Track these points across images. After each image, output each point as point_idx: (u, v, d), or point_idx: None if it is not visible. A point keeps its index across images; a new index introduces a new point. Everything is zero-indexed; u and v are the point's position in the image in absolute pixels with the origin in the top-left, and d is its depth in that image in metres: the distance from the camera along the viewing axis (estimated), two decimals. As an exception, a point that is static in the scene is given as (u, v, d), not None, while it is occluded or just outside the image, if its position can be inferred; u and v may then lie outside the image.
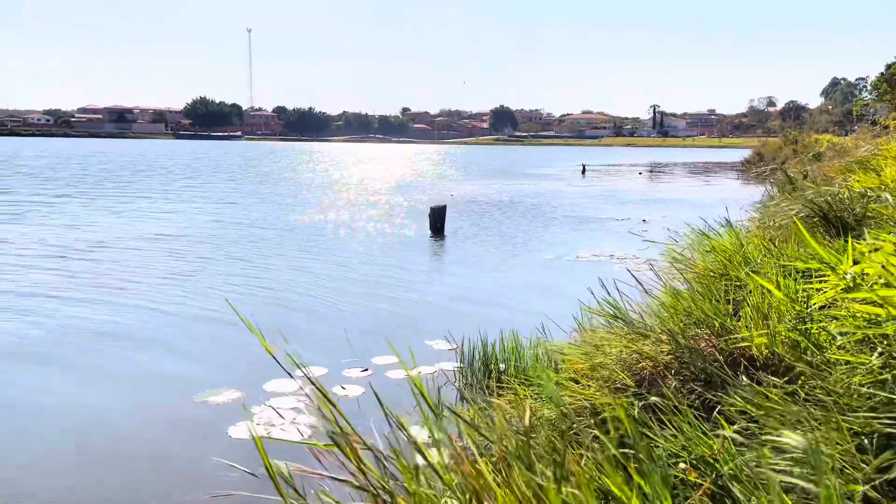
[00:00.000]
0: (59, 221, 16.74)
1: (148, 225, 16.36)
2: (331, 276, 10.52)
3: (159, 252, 12.54)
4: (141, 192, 25.98)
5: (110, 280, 9.99)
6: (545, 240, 14.91)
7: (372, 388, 2.70)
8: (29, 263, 11.18)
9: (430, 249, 13.77)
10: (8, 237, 13.96)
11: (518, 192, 29.19)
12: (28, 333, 7.32)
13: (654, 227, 16.46)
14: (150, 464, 4.54)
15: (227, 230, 15.66)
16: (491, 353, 5.51)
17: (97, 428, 5.10)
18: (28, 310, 8.23)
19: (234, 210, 20.20)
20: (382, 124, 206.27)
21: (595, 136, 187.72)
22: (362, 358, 6.55)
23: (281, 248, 13.30)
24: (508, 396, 4.03)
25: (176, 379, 6.10)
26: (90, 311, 8.25)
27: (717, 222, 5.63)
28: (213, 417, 5.21)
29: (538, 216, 19.60)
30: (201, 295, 9.12)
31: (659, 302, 4.30)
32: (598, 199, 26.00)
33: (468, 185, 33.33)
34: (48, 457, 4.65)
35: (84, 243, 13.33)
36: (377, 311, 8.52)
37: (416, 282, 10.37)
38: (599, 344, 4.00)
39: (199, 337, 7.33)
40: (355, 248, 13.45)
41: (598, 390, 3.52)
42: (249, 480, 4.19)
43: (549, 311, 8.05)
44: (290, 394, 5.63)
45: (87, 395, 5.74)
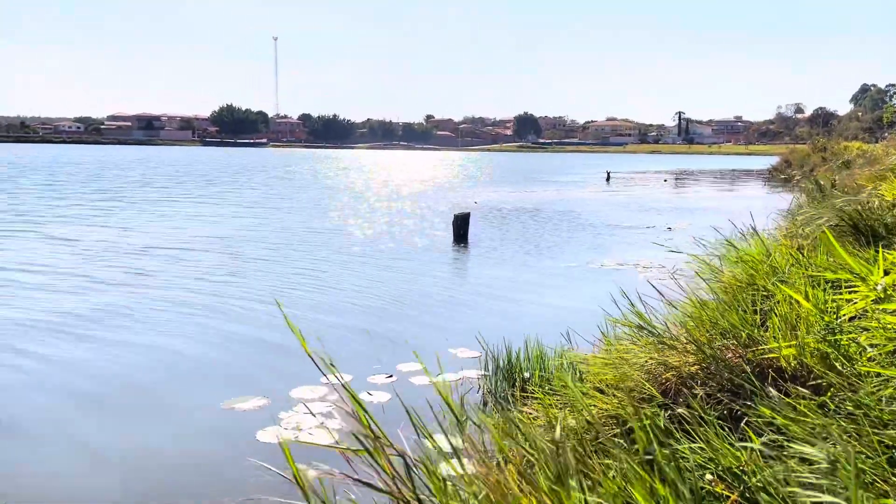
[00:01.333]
0: (102, 225, 17.04)
1: (178, 232, 16.59)
2: (354, 283, 10.58)
3: (188, 259, 12.70)
4: (186, 197, 26.34)
5: (141, 284, 10.14)
6: (569, 248, 14.87)
7: (399, 398, 2.73)
8: (69, 269, 11.39)
9: (454, 257, 13.80)
10: (53, 241, 14.24)
11: (542, 199, 29.13)
12: (58, 338, 7.45)
13: (680, 235, 16.33)
14: (180, 467, 4.61)
15: (256, 236, 15.81)
16: (515, 362, 5.52)
17: (126, 432, 5.18)
18: (61, 313, 8.39)
19: (265, 216, 20.40)
20: (406, 131, 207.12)
21: (619, 144, 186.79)
22: (387, 364, 6.59)
23: (305, 254, 13.41)
24: (533, 405, 4.03)
25: (203, 384, 6.18)
26: (120, 314, 8.37)
27: (743, 231, 5.59)
28: (241, 423, 5.27)
29: (562, 224, 19.54)
30: (227, 301, 9.22)
31: (684, 312, 4.28)
32: (622, 206, 25.86)
33: (492, 192, 33.33)
34: (78, 457, 4.73)
35: (122, 248, 13.54)
36: (401, 317, 8.56)
37: (440, 289, 10.39)
38: (624, 354, 3.99)
39: (226, 343, 7.41)
40: (379, 255, 13.51)
41: (623, 400, 3.51)
42: (280, 484, 4.24)
43: (573, 319, 8.04)
44: (315, 400, 5.68)
45: (115, 399, 5.83)
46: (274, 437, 4.96)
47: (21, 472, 4.53)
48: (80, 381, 6.23)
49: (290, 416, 5.35)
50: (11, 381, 6.17)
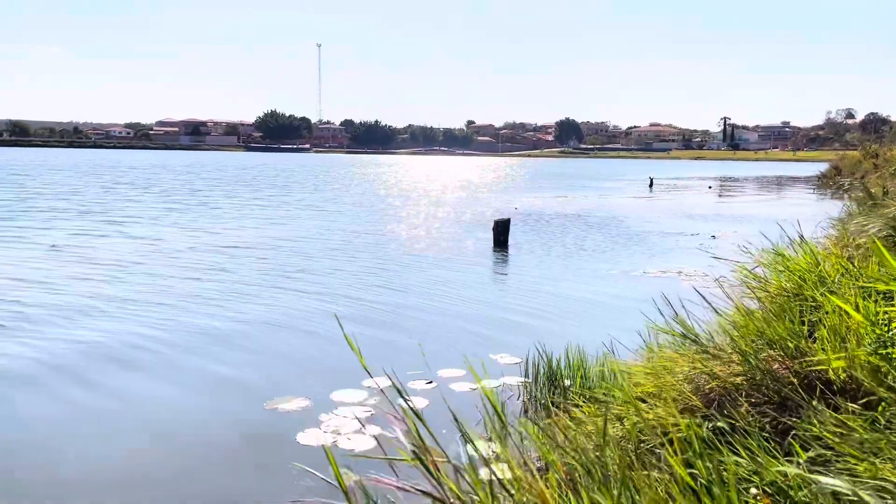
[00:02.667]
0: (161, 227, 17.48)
1: (220, 236, 16.90)
2: (394, 287, 10.66)
3: (240, 259, 12.93)
4: (237, 200, 26.87)
5: (189, 285, 10.36)
6: (610, 254, 14.74)
7: (447, 404, 2.74)
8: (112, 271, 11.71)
9: (494, 262, 13.79)
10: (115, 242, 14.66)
11: (583, 205, 28.92)
12: (104, 338, 7.66)
13: (724, 243, 16.05)
14: (222, 467, 4.69)
15: (302, 240, 16.03)
16: (556, 369, 5.50)
17: (171, 430, 5.30)
18: (109, 315, 8.63)
19: (310, 220, 20.66)
20: (447, 137, 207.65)
21: (663, 149, 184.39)
22: (427, 370, 6.61)
23: (348, 257, 13.55)
24: (574, 413, 4.01)
25: (248, 385, 6.29)
26: (171, 315, 8.57)
27: (790, 239, 5.48)
28: (283, 423, 5.35)
29: (603, 230, 19.37)
30: (273, 301, 9.37)
31: (729, 321, 4.21)
32: (665, 213, 25.53)
33: (532, 197, 33.21)
34: (118, 456, 4.85)
35: (167, 250, 13.87)
36: (441, 322, 8.59)
37: (479, 295, 10.40)
38: (667, 363, 3.95)
39: (270, 344, 7.53)
40: (420, 259, 13.58)
41: (665, 410, 3.47)
42: (321, 487, 4.29)
43: (615, 327, 7.97)
44: (356, 403, 5.74)
45: (163, 396, 5.97)
46: (314, 440, 5.02)
47: (63, 471, 4.66)
48: (133, 374, 6.39)
49: (331, 418, 5.41)
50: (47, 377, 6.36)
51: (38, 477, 4.51)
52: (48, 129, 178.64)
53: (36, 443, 5.04)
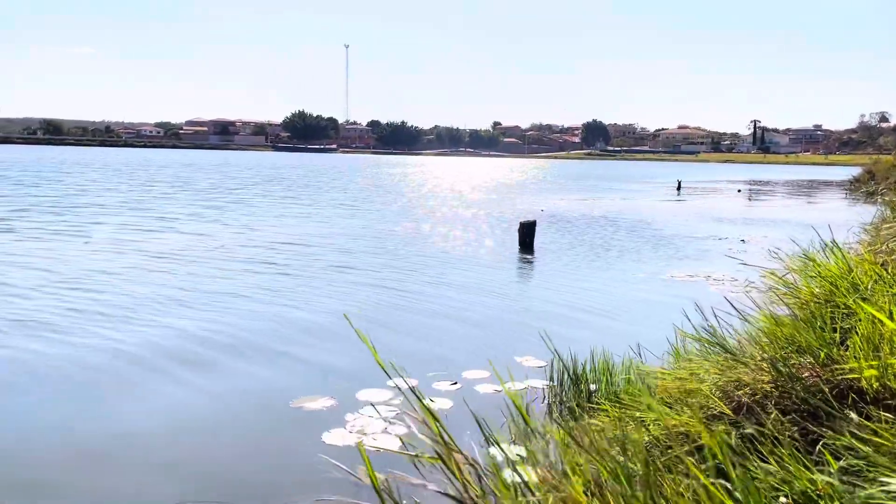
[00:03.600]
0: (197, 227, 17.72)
1: (254, 234, 17.08)
2: (419, 288, 10.68)
3: (262, 259, 13.06)
4: (264, 200, 27.15)
5: (218, 284, 10.49)
6: (637, 258, 14.63)
7: (467, 406, 2.75)
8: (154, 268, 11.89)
9: (519, 264, 13.76)
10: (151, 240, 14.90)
11: (609, 207, 28.74)
12: (137, 338, 7.78)
13: (754, 247, 15.86)
14: (248, 464, 4.75)
15: (329, 240, 16.13)
16: (582, 373, 5.47)
17: (197, 427, 5.37)
18: (139, 316, 8.76)
19: (337, 220, 20.79)
20: (473, 138, 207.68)
21: (691, 152, 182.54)
22: (451, 371, 6.62)
23: (373, 257, 13.61)
24: (600, 418, 4.00)
25: (274, 383, 6.35)
26: (201, 313, 8.68)
27: (822, 244, 5.40)
28: (309, 422, 5.40)
29: (630, 233, 19.24)
30: (299, 299, 9.45)
31: (758, 327, 4.17)
32: (693, 216, 25.27)
33: (558, 199, 33.08)
34: (146, 454, 4.92)
35: (203, 248, 14.05)
36: (466, 324, 8.59)
37: (505, 296, 10.38)
38: (694, 369, 3.92)
39: (295, 343, 7.59)
40: (444, 261, 13.60)
41: (692, 417, 3.45)
42: (346, 485, 4.33)
43: (641, 332, 7.91)
44: (381, 403, 5.76)
45: (189, 391, 6.05)
46: (340, 439, 5.05)
47: (89, 469, 4.74)
48: (160, 372, 6.49)
49: (356, 418, 5.45)
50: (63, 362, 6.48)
51: (69, 455, 4.60)
52: (81, 128, 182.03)
53: (56, 429, 5.14)
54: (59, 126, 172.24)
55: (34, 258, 12.58)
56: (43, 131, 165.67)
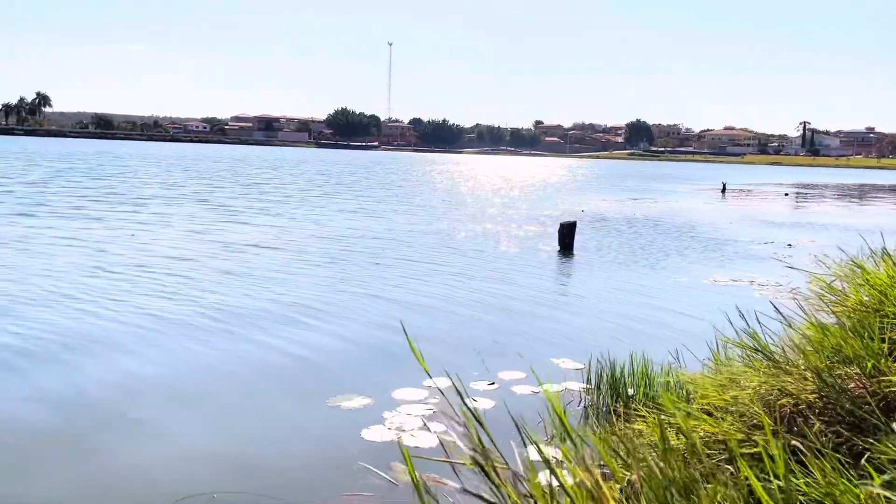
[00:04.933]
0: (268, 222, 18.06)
1: (302, 230, 17.31)
2: (457, 286, 10.70)
3: (307, 256, 13.23)
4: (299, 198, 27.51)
5: (258, 279, 10.67)
6: (679, 261, 14.43)
7: (507, 409, 2.76)
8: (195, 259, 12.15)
9: (558, 266, 13.68)
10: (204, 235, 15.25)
11: (652, 209, 28.38)
12: (185, 324, 7.95)
13: (800, 253, 15.52)
14: (288, 462, 4.82)
15: (369, 237, 16.26)
16: (619, 377, 5.43)
17: (237, 420, 5.47)
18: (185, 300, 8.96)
19: (376, 218, 20.94)
20: (514, 137, 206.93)
21: (737, 154, 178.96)
22: (488, 371, 6.63)
23: (413, 256, 13.67)
24: (637, 423, 3.97)
25: (312, 381, 6.44)
26: (243, 310, 8.84)
27: (871, 251, 5.27)
28: (346, 420, 5.46)
29: (672, 235, 18.98)
30: (338, 298, 9.55)
31: (803, 335, 4.08)
32: (738, 219, 24.81)
33: (600, 200, 32.78)
34: (186, 450, 5.03)
35: (247, 244, 14.31)
36: (504, 324, 8.58)
37: (543, 298, 10.34)
38: (735, 376, 3.86)
39: (336, 340, 7.68)
40: (484, 260, 13.60)
41: (732, 425, 3.40)
42: (382, 482, 4.38)
43: (681, 336, 7.81)
44: (417, 401, 5.80)
45: (230, 386, 6.17)
46: (378, 437, 5.10)
47: (129, 465, 4.86)
48: (190, 372, 6.64)
49: (394, 416, 5.49)
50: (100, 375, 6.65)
51: (110, 438, 4.74)
52: (130, 123, 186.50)
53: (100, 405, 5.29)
54: (109, 121, 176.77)
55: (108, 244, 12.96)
56: (94, 125, 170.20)
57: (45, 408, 5.58)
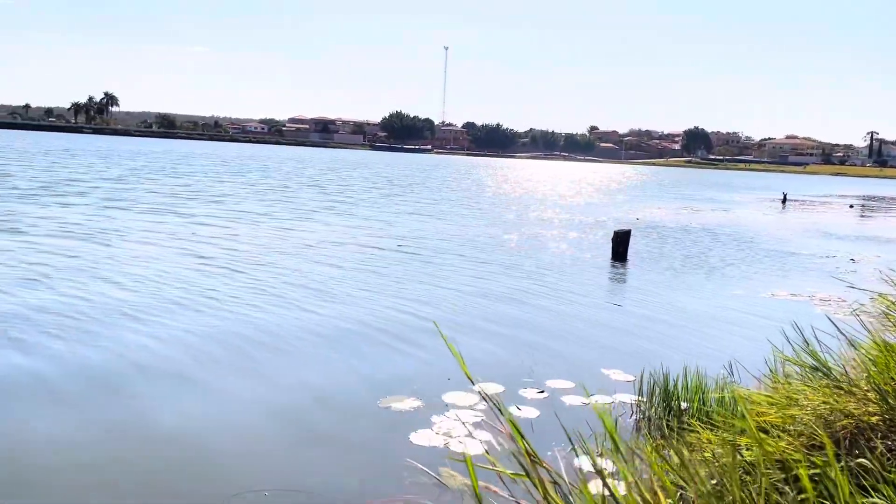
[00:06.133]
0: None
1: (364, 230, 17.54)
2: (508, 292, 10.68)
3: (362, 258, 13.39)
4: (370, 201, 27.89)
5: (318, 279, 10.85)
6: (736, 273, 14.10)
7: (558, 420, 2.76)
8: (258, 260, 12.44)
9: (612, 274, 13.53)
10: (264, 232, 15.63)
11: (709, 218, 27.80)
12: (242, 327, 8.14)
13: (865, 268, 15.00)
14: (337, 461, 4.89)
15: (423, 241, 16.36)
16: (672, 390, 5.34)
17: (287, 418, 5.57)
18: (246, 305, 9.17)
19: (429, 223, 21.06)
20: (568, 142, 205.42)
21: (799, 163, 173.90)
22: (538, 379, 6.60)
23: (465, 261, 13.70)
24: (690, 437, 3.90)
25: (364, 380, 6.51)
26: (300, 308, 9.00)
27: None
28: (396, 422, 5.51)
29: (729, 246, 18.56)
30: (390, 300, 9.63)
31: (866, 355, 3.96)
32: (799, 232, 24.11)
33: (655, 208, 32.27)
34: (235, 445, 5.14)
35: (304, 244, 14.58)
36: (554, 332, 8.53)
37: (595, 307, 10.24)
38: (794, 394, 3.76)
39: (386, 341, 7.75)
40: (535, 266, 13.54)
41: (789, 444, 3.32)
42: (429, 486, 4.41)
43: (736, 351, 7.64)
44: (466, 407, 5.81)
45: (282, 385, 6.28)
46: (426, 440, 5.13)
47: (181, 460, 4.98)
48: (257, 365, 6.78)
49: (442, 420, 5.51)
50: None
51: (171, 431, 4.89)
52: (192, 123, 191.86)
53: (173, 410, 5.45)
54: (172, 120, 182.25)
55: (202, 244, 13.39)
56: (158, 125, 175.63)
57: (111, 399, 5.78)
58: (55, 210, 18.73)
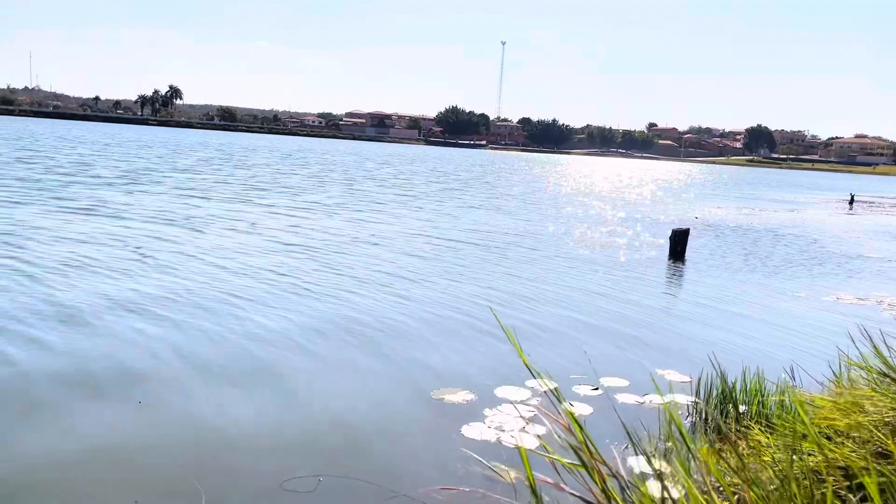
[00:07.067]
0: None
1: (414, 224, 17.68)
2: (565, 289, 10.60)
3: (421, 251, 13.50)
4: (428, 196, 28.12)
5: (376, 273, 10.98)
6: (799, 275, 13.68)
7: (617, 416, 2.73)
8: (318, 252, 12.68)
9: (669, 274, 13.29)
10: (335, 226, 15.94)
11: (770, 219, 27.04)
12: (296, 321, 8.30)
13: (937, 272, 14.37)
14: (389, 450, 4.95)
15: (481, 236, 16.37)
16: (730, 392, 5.23)
17: (342, 406, 5.66)
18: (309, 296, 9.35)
19: (490, 217, 21.07)
20: (626, 139, 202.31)
21: (868, 164, 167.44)
22: (592, 376, 6.55)
23: (523, 256, 13.65)
24: (749, 441, 3.82)
25: (419, 371, 6.57)
26: (355, 301, 9.13)
27: None
28: (448, 414, 5.54)
29: (793, 248, 18.02)
30: (448, 293, 9.68)
31: (938, 362, 3.80)
32: (867, 234, 23.24)
33: (715, 207, 31.54)
34: (287, 432, 5.24)
35: (356, 238, 14.78)
36: (610, 330, 8.44)
37: (650, 305, 10.09)
38: (859, 400, 3.64)
39: (441, 334, 7.80)
40: (591, 264, 13.40)
41: (854, 451, 3.22)
42: (480, 478, 4.43)
43: (798, 354, 7.44)
44: (519, 401, 5.81)
45: (339, 373, 6.38)
46: (478, 433, 5.15)
47: (237, 445, 5.11)
48: (313, 357, 6.91)
49: (495, 414, 5.52)
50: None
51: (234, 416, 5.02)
52: (251, 116, 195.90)
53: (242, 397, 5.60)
54: (233, 113, 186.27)
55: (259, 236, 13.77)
56: (219, 118, 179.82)
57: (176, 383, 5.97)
58: (140, 197, 19.95)
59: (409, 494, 4.23)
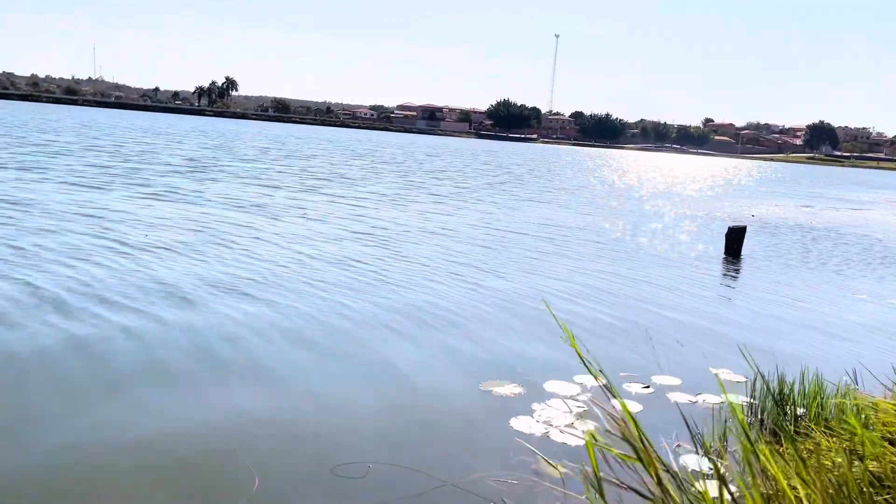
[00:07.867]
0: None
1: (471, 216, 17.72)
2: (620, 285, 10.47)
3: (482, 241, 13.52)
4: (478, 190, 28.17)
5: (438, 263, 11.04)
6: (861, 277, 13.23)
7: (681, 414, 2.69)
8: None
9: (725, 271, 13.01)
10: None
11: (832, 218, 26.21)
12: (360, 309, 8.40)
13: None
14: (437, 440, 4.97)
15: (535, 229, 16.30)
16: (788, 394, 5.10)
17: (392, 394, 5.71)
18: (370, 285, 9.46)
19: (543, 211, 20.98)
20: (681, 134, 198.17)
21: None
22: (643, 373, 6.47)
23: (575, 252, 13.53)
24: (808, 444, 3.73)
25: (469, 362, 6.58)
26: (414, 290, 9.20)
27: None
28: (497, 406, 5.54)
29: (854, 248, 17.43)
30: (499, 287, 9.67)
31: None
32: (934, 235, 22.31)
33: (773, 205, 30.71)
34: (336, 420, 5.30)
35: (425, 229, 14.89)
36: (662, 327, 8.31)
37: (704, 304, 9.89)
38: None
39: (493, 326, 7.80)
40: (645, 259, 13.21)
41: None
42: (527, 471, 4.42)
43: (860, 357, 7.20)
44: (567, 396, 5.77)
45: (391, 362, 6.44)
46: (526, 426, 5.14)
47: (289, 433, 5.20)
48: (375, 347, 6.99)
49: (543, 408, 5.50)
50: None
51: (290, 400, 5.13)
52: (305, 108, 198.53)
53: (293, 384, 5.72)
54: (287, 105, 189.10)
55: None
56: (273, 109, 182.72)
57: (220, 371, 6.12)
58: (209, 185, 20.77)
59: (457, 484, 4.25)
